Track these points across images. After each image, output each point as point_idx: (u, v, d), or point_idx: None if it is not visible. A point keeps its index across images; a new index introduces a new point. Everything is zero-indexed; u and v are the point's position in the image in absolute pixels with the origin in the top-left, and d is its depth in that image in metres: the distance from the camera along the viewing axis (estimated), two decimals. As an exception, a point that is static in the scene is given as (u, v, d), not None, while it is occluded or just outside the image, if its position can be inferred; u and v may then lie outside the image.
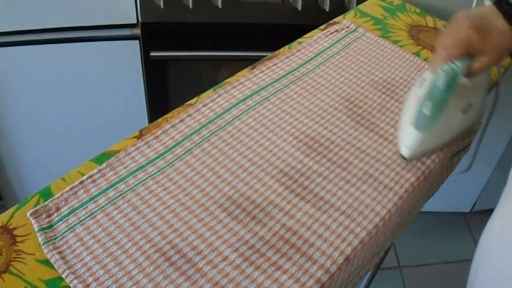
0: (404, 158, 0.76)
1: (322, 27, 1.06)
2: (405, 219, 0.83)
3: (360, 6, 1.15)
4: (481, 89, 0.87)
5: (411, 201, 0.77)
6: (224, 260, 0.63)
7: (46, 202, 0.67)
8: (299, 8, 1.37)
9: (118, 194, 0.69)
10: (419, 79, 0.84)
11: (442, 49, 0.79)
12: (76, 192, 0.69)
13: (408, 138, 0.76)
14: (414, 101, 0.79)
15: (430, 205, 1.90)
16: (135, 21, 1.36)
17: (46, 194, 0.70)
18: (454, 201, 2.07)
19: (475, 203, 2.06)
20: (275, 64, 0.94)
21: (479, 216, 2.10)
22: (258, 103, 0.85)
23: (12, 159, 1.66)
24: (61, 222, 0.66)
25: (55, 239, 0.64)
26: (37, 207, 0.67)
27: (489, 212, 0.79)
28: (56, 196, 0.68)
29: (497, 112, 1.13)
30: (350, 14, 1.12)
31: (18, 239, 0.64)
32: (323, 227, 0.68)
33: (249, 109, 0.84)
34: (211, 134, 0.79)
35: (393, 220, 0.73)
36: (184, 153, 0.76)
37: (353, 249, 0.66)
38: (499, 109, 1.17)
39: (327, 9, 1.37)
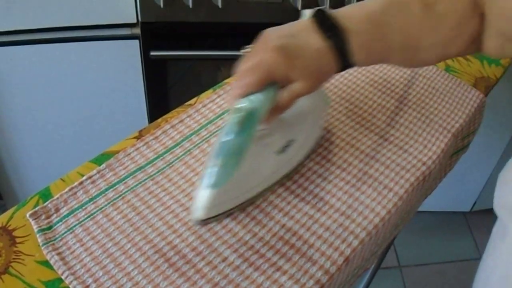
0: (200, 221, 0.65)
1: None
2: (403, 219, 0.83)
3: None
4: (307, 119, 0.74)
5: (410, 201, 0.77)
6: (223, 261, 0.63)
7: (46, 203, 0.67)
8: (299, 8, 1.37)
9: (117, 195, 0.69)
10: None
11: (239, 79, 0.63)
12: (75, 193, 0.69)
13: (199, 199, 0.64)
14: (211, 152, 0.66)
15: (430, 205, 1.90)
16: (135, 21, 1.36)
17: (46, 195, 0.70)
18: (454, 200, 2.07)
19: (475, 203, 2.06)
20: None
21: (479, 215, 2.11)
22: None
23: (11, 159, 1.66)
24: (60, 223, 0.66)
25: (54, 240, 0.64)
26: (37, 208, 0.67)
27: (489, 211, 0.79)
28: (56, 197, 0.68)
29: (497, 112, 1.13)
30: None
31: (17, 240, 0.64)
32: (323, 227, 0.68)
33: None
34: (210, 135, 0.79)
35: (393, 220, 0.73)
36: (184, 154, 0.76)
37: (353, 250, 0.66)
38: (499, 108, 1.17)
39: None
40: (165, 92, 1.58)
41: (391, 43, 0.64)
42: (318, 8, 0.65)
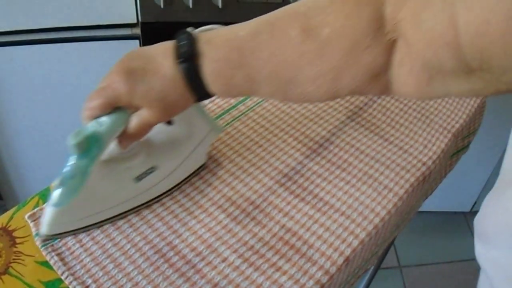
0: (45, 236, 0.64)
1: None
2: (403, 219, 0.83)
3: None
4: (178, 146, 0.70)
5: (410, 201, 0.77)
6: (223, 261, 0.63)
7: (44, 205, 0.67)
8: (299, 8, 1.36)
9: (116, 196, 0.70)
10: None
11: (87, 100, 0.60)
12: (75, 194, 0.69)
13: (44, 215, 0.63)
14: None
15: (431, 205, 1.91)
16: (135, 21, 1.36)
17: (46, 195, 0.70)
18: (454, 201, 2.07)
19: (475, 203, 2.06)
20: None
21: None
22: (257, 103, 0.85)
23: (11, 159, 1.66)
24: (60, 223, 0.66)
25: (53, 241, 0.64)
26: (35, 210, 0.67)
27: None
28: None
29: (496, 112, 1.13)
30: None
31: (17, 240, 0.64)
32: (323, 228, 0.68)
33: (248, 110, 0.84)
34: (210, 135, 0.79)
35: (393, 221, 0.73)
36: (183, 154, 0.76)
37: (353, 250, 0.66)
38: (499, 108, 1.17)
39: (327, 9, 1.37)
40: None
41: (256, 73, 0.56)
42: (186, 30, 0.59)
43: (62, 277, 0.60)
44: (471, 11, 0.43)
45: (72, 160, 0.61)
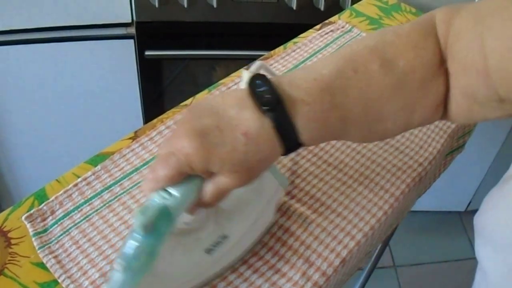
0: None
1: (317, 27, 1.06)
2: (397, 218, 0.83)
3: (356, 6, 1.15)
4: (247, 211, 0.62)
5: (405, 201, 0.77)
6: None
7: (41, 206, 0.67)
8: (294, 7, 1.37)
9: (113, 197, 0.69)
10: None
11: (152, 169, 0.50)
12: (70, 195, 0.69)
13: None
14: None
15: (425, 204, 1.91)
16: (130, 20, 1.36)
17: (41, 196, 0.69)
18: (449, 200, 2.08)
19: (470, 203, 2.07)
20: (270, 65, 0.94)
21: (474, 215, 2.11)
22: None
23: (6, 159, 1.66)
24: (56, 225, 0.65)
25: (50, 243, 0.63)
26: (32, 211, 0.66)
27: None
28: (51, 199, 0.68)
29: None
30: (346, 13, 1.12)
31: (12, 241, 0.64)
32: (320, 228, 0.67)
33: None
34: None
35: (388, 221, 0.73)
36: (180, 155, 0.75)
37: (349, 251, 0.66)
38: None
39: (322, 8, 1.37)
40: (160, 92, 1.57)
41: (347, 113, 0.52)
42: (257, 74, 0.52)
43: (59, 280, 0.60)
44: (497, 39, 0.45)
45: (135, 240, 0.50)
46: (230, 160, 0.49)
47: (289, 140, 0.51)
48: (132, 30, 1.38)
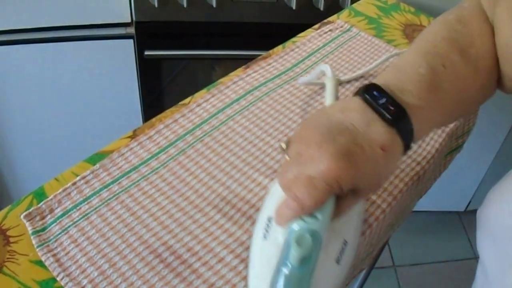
0: None
1: (316, 26, 1.06)
2: (398, 218, 0.83)
3: (355, 5, 1.15)
4: (355, 217, 0.61)
5: (404, 201, 0.77)
6: (220, 261, 0.63)
7: (40, 204, 0.67)
8: (293, 7, 1.37)
9: (111, 195, 0.69)
10: (259, 219, 0.59)
11: (291, 198, 0.49)
12: (69, 193, 0.69)
13: None
14: (261, 270, 0.54)
15: (425, 204, 1.91)
16: (129, 20, 1.36)
17: (40, 194, 0.69)
18: (449, 200, 2.08)
19: (469, 202, 2.07)
20: (269, 64, 0.94)
21: (474, 215, 2.09)
22: (251, 103, 0.85)
23: (5, 158, 1.66)
24: (55, 223, 0.65)
25: (49, 241, 0.63)
26: (31, 209, 0.66)
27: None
28: (49, 197, 0.68)
29: (491, 112, 1.13)
30: (344, 13, 1.12)
31: (11, 239, 0.64)
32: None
33: (242, 109, 0.84)
34: (204, 135, 0.79)
35: (387, 220, 0.73)
36: (178, 154, 0.76)
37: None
38: (494, 108, 1.18)
39: (322, 8, 1.37)
40: (159, 92, 1.57)
41: (447, 107, 0.56)
42: (366, 83, 0.54)
43: (58, 278, 0.60)
44: None
45: (290, 273, 0.49)
46: (376, 173, 0.50)
47: (408, 144, 0.53)
48: (131, 30, 1.38)
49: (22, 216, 0.66)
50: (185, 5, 1.33)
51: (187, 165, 0.74)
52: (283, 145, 0.55)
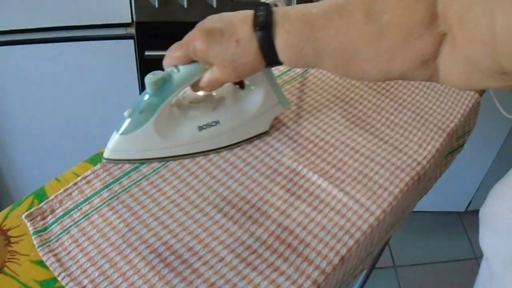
0: (104, 159, 0.73)
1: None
2: (398, 218, 0.83)
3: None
4: (244, 112, 0.77)
5: (405, 201, 0.77)
6: (220, 261, 0.63)
7: (41, 204, 0.67)
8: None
9: (112, 195, 0.69)
10: None
11: (170, 50, 0.70)
12: (70, 194, 0.69)
13: (110, 141, 0.73)
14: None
15: (425, 205, 1.91)
16: (129, 21, 1.36)
17: (40, 195, 0.69)
18: (449, 200, 2.08)
19: (470, 203, 2.07)
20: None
21: (474, 215, 2.09)
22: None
23: (6, 158, 1.66)
24: (56, 224, 0.66)
25: (50, 241, 0.64)
26: (32, 210, 0.66)
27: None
28: (51, 198, 0.68)
29: (491, 113, 1.13)
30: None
31: (12, 240, 0.64)
32: (319, 226, 0.67)
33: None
34: (206, 135, 0.79)
35: (388, 220, 0.73)
36: (179, 154, 0.76)
37: (348, 250, 0.66)
38: (494, 110, 1.18)
39: (322, 9, 1.37)
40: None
41: (323, 47, 0.62)
42: (268, 2, 0.65)
43: (59, 278, 0.60)
44: (508, 16, 0.48)
45: (145, 96, 0.70)
46: (221, 55, 0.64)
47: (269, 56, 0.65)
48: (132, 30, 1.38)
49: (23, 216, 0.66)
50: (185, 5, 1.33)
51: (187, 165, 0.74)
52: None
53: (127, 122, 0.70)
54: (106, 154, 0.73)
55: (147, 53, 1.40)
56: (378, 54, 0.60)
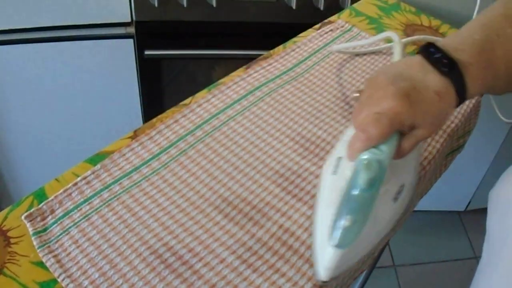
0: (324, 282, 0.58)
1: (317, 26, 1.06)
2: (399, 219, 0.83)
3: (355, 5, 1.15)
4: (413, 163, 0.70)
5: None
6: (221, 262, 0.63)
7: (41, 205, 0.67)
8: (294, 7, 1.37)
9: (112, 196, 0.69)
10: (329, 158, 0.67)
11: (361, 131, 0.59)
12: (70, 194, 0.69)
13: (325, 258, 0.57)
14: (330, 199, 0.61)
15: (425, 204, 1.91)
16: (129, 20, 1.36)
17: (40, 195, 0.69)
18: (449, 200, 2.08)
19: (469, 202, 2.07)
20: (269, 64, 0.94)
21: (474, 215, 2.11)
22: (252, 103, 0.85)
23: (5, 158, 1.66)
24: (55, 224, 0.65)
25: (50, 242, 0.63)
26: (32, 210, 0.66)
27: (483, 210, 0.78)
28: (50, 198, 0.68)
29: (491, 111, 1.13)
30: (345, 13, 1.12)
31: (12, 240, 0.64)
32: (320, 228, 0.67)
33: (243, 109, 0.83)
34: (205, 135, 0.78)
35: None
36: (179, 154, 0.75)
37: (350, 251, 0.65)
38: (494, 108, 1.18)
39: (322, 8, 1.37)
40: (159, 91, 1.57)
41: (497, 70, 0.63)
42: (425, 43, 0.64)
43: (58, 279, 0.60)
44: None
45: (359, 195, 0.57)
46: (431, 114, 0.60)
47: (462, 95, 0.61)
48: (131, 30, 1.38)
49: (23, 217, 0.66)
50: (185, 5, 1.33)
51: (188, 166, 0.74)
52: (356, 94, 0.70)
53: (347, 233, 0.57)
54: (325, 276, 0.57)
55: (146, 52, 1.40)
56: None
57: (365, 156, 0.58)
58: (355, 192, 0.57)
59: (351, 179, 0.59)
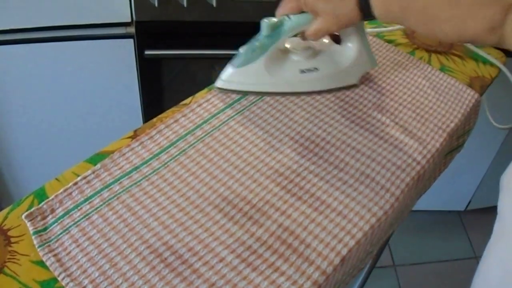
0: (216, 88, 0.86)
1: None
2: (398, 218, 0.83)
3: None
4: (339, 63, 0.89)
5: (405, 200, 0.77)
6: (221, 261, 0.63)
7: (41, 204, 0.67)
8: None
9: (112, 195, 0.69)
10: None
11: (284, 2, 0.82)
12: (70, 193, 0.69)
13: (223, 73, 0.85)
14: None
15: (425, 204, 1.91)
16: (129, 20, 1.36)
17: (40, 194, 0.69)
18: (449, 199, 2.08)
19: (469, 202, 2.07)
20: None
21: (474, 214, 2.11)
22: (252, 103, 0.85)
23: (6, 158, 1.66)
24: (56, 224, 0.65)
25: (50, 241, 0.63)
26: (32, 209, 0.66)
27: (483, 210, 0.78)
28: (51, 197, 0.68)
29: (491, 112, 1.13)
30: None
31: (12, 240, 0.64)
32: (320, 227, 0.67)
33: (244, 109, 0.84)
34: (205, 135, 0.79)
35: (388, 220, 0.73)
36: (179, 154, 0.76)
37: (349, 250, 0.66)
38: (493, 108, 1.18)
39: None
40: (159, 91, 1.57)
41: (409, 6, 0.72)
42: None
43: (59, 278, 0.60)
44: None
45: (259, 37, 0.83)
46: (327, 7, 0.77)
47: (365, 10, 0.76)
48: (131, 30, 1.38)
49: (23, 216, 0.66)
50: (185, 5, 1.33)
51: (188, 165, 0.74)
52: None
53: (241, 57, 0.84)
54: (219, 84, 0.86)
55: (146, 52, 1.40)
56: (453, 16, 0.69)
57: (275, 18, 0.82)
58: (257, 36, 0.83)
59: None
